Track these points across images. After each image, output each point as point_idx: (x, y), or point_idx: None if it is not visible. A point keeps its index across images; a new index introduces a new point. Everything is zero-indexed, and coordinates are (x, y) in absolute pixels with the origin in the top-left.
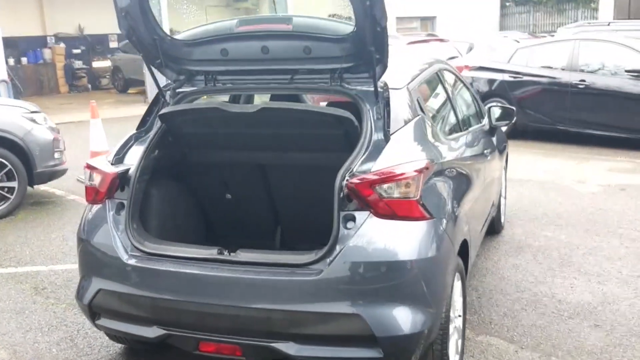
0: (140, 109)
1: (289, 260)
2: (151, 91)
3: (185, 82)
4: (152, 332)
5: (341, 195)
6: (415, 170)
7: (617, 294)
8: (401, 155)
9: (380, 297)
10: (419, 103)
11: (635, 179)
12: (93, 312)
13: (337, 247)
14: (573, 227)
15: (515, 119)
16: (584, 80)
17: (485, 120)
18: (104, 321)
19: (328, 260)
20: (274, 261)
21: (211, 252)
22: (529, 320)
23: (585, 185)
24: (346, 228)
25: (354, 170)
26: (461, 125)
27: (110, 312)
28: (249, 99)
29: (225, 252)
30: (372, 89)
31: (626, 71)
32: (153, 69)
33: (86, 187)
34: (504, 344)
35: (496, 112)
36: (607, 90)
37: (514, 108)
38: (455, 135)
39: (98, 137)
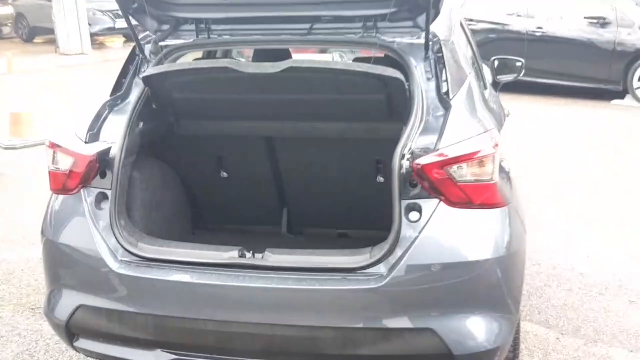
0: (53, 61)
1: (338, 263)
2: (62, 40)
3: (170, 33)
4: (154, 356)
5: (403, 178)
6: (493, 146)
7: None
8: (468, 127)
9: (456, 306)
10: (465, 58)
11: (606, 133)
12: (71, 332)
13: (401, 245)
14: (564, 188)
15: (522, 72)
16: (540, 28)
17: (487, 74)
18: (85, 343)
19: (390, 261)
20: (317, 265)
21: (231, 255)
22: (557, 299)
23: (558, 139)
24: (409, 220)
25: (412, 147)
26: (484, 83)
27: (95, 332)
28: (226, 56)
29: (249, 254)
30: (417, 40)
31: (585, 18)
32: (129, 16)
33: (50, 173)
34: (542, 331)
35: (500, 64)
36: (565, 38)
37: (522, 60)
38: (486, 96)
39: (18, 95)
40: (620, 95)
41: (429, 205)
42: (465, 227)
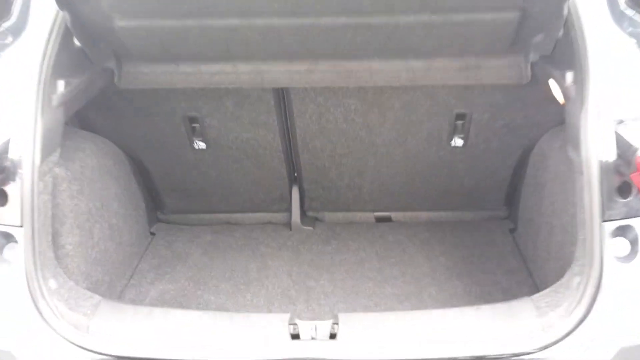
0: None
1: (484, 345)
2: None
3: None
4: None
5: (607, 182)
6: None
7: None
8: None
9: None
10: None
11: None
12: None
13: (605, 306)
14: None
15: None
16: None
17: None
18: None
19: (588, 338)
20: (444, 353)
21: (279, 334)
22: None
23: None
24: (617, 258)
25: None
26: None
27: None
28: None
29: (310, 327)
30: None
31: None
32: None
33: None
34: None
35: None
36: None
37: None
38: None
39: None
40: None
41: None
42: None
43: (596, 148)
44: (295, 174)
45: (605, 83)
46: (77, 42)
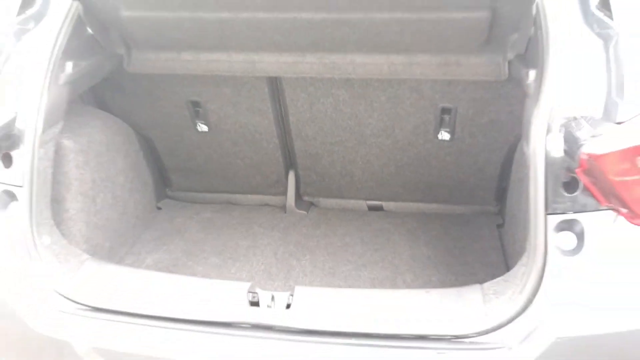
0: None
1: (425, 324)
2: None
3: None
4: None
5: (553, 175)
6: None
7: None
8: None
9: None
10: None
11: None
12: None
13: (546, 297)
14: None
15: None
16: None
17: None
18: None
19: (529, 326)
20: (387, 329)
21: (237, 303)
22: None
23: None
24: (561, 251)
25: (565, 113)
26: None
27: None
28: None
29: (267, 297)
30: None
31: None
32: None
33: None
34: None
35: None
36: None
37: None
38: None
39: None
40: None
41: (596, 222)
42: None
43: (542, 142)
44: (291, 160)
45: (564, 81)
46: (89, 30)
